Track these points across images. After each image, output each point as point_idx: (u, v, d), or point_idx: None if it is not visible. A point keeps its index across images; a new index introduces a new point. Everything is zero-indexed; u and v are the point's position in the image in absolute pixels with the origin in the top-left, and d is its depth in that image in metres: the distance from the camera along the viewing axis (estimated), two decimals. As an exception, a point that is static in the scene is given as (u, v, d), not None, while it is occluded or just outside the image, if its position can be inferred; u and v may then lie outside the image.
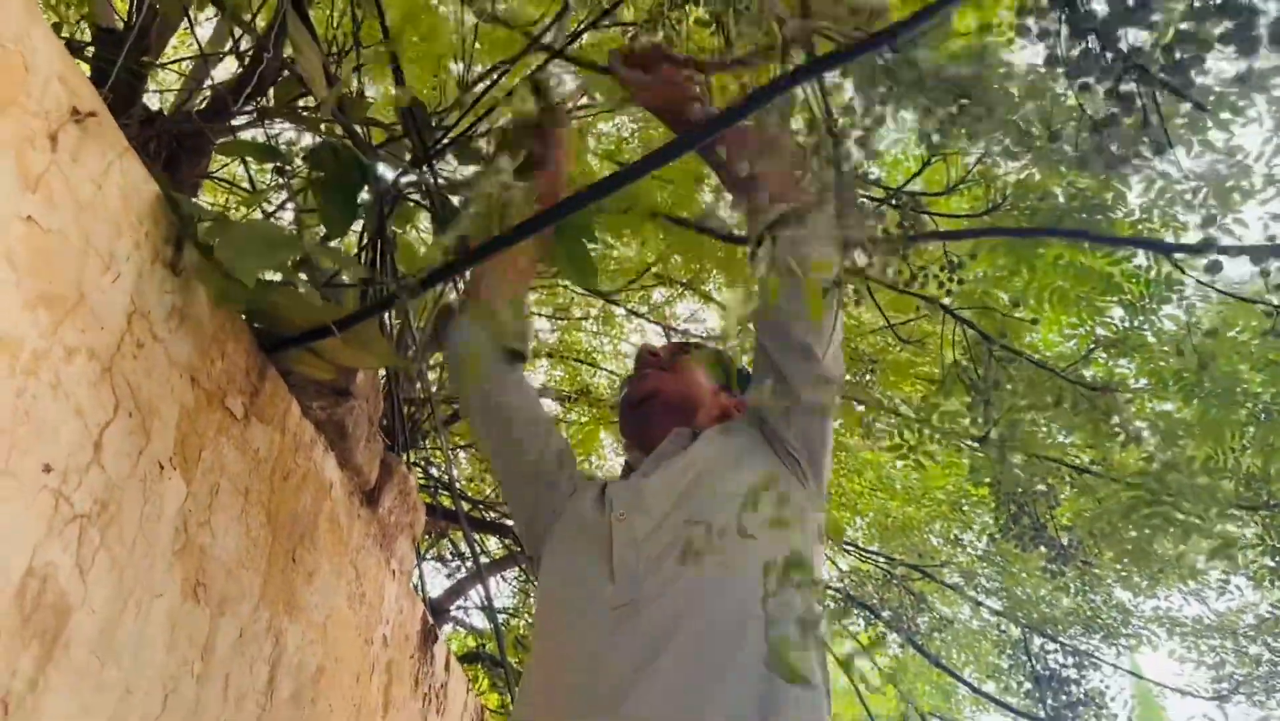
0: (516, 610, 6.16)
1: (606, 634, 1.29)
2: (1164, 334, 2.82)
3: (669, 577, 1.31)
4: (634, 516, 1.41)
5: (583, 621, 1.34)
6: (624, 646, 1.26)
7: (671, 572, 1.31)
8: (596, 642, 1.30)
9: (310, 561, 1.55)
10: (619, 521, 1.41)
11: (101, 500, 1.01)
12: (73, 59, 1.08)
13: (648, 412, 1.72)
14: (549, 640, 1.42)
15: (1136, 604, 5.34)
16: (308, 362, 1.49)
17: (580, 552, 1.45)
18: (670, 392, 1.72)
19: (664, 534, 1.37)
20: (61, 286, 0.98)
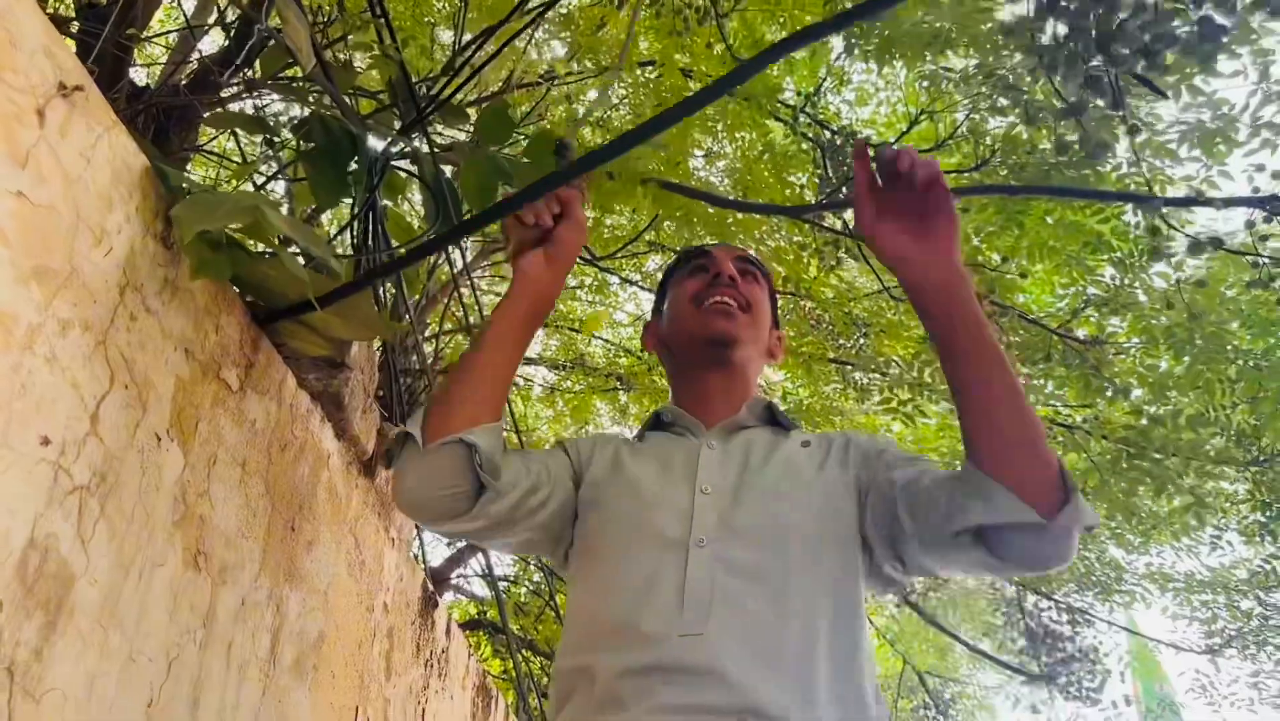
0: (517, 578, 6.21)
1: (671, 651, 1.25)
2: (1154, 291, 2.84)
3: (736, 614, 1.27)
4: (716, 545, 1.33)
5: (645, 638, 1.28)
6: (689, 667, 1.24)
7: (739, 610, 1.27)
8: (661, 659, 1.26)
9: (310, 531, 1.57)
10: (698, 547, 1.33)
11: (100, 471, 1.03)
12: (59, 34, 1.08)
13: (721, 359, 1.59)
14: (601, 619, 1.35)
15: (1130, 561, 5.39)
16: (301, 337, 1.50)
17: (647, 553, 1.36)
18: (748, 343, 1.60)
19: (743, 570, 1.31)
20: (53, 260, 0.99)
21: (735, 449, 1.48)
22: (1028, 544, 1.22)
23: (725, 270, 1.62)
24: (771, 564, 1.32)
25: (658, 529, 1.37)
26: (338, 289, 1.40)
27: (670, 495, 1.42)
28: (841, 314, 4.57)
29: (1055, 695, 5.63)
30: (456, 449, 1.33)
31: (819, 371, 4.63)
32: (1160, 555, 5.27)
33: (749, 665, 1.23)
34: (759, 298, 1.64)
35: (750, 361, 1.62)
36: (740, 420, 1.55)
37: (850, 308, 4.61)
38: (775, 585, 1.30)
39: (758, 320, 1.62)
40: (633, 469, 1.48)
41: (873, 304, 4.65)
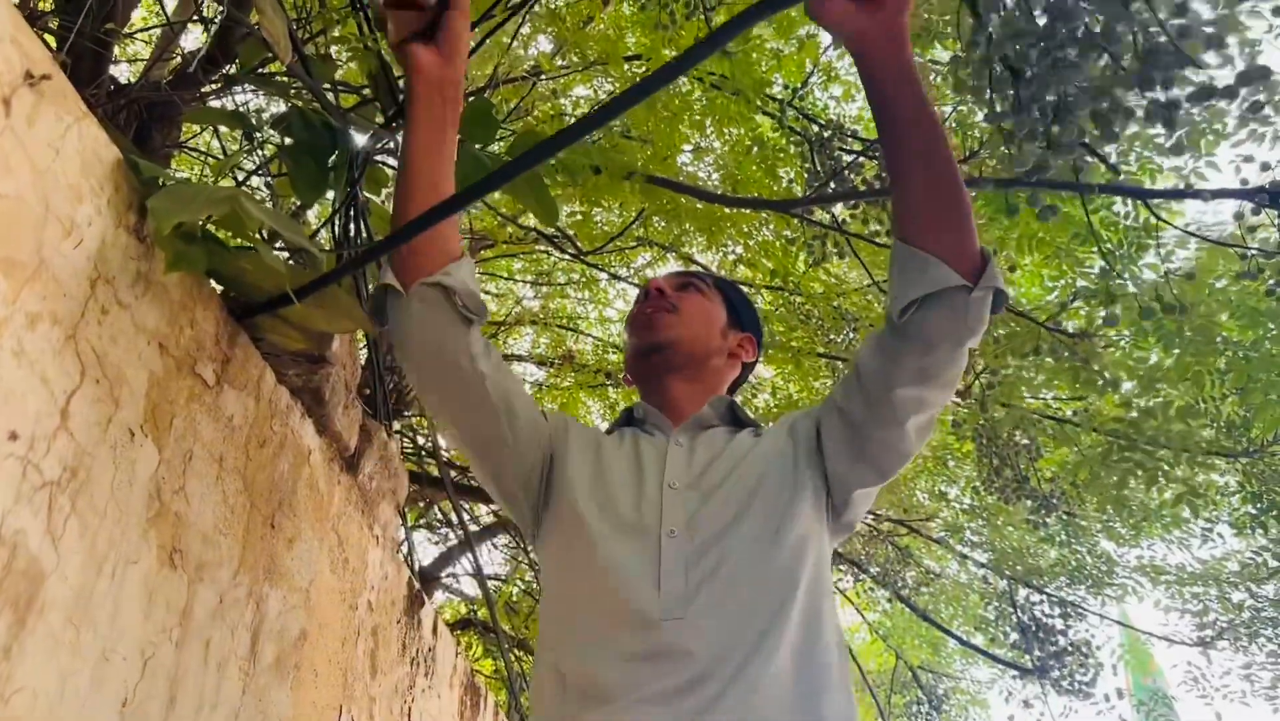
0: (507, 577, 6.19)
1: (652, 640, 1.30)
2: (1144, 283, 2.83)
3: (710, 604, 1.32)
4: (686, 537, 1.38)
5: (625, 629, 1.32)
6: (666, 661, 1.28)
7: (717, 596, 1.33)
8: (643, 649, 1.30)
9: (290, 528, 1.55)
10: (670, 538, 1.38)
11: (71, 467, 1.01)
12: (25, 21, 1.06)
13: (659, 365, 1.66)
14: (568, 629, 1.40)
15: (1121, 554, 5.39)
16: (280, 331, 1.48)
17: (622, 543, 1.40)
18: (682, 341, 1.66)
19: (711, 558, 1.36)
20: (21, 252, 0.97)
21: (701, 447, 1.54)
22: (948, 314, 1.30)
23: (650, 287, 1.72)
24: (736, 551, 1.37)
25: (630, 521, 1.43)
26: (316, 280, 1.38)
27: (641, 489, 1.47)
28: (830, 309, 4.57)
29: (1048, 689, 5.64)
30: (437, 293, 1.39)
31: (808, 366, 4.63)
32: (1151, 548, 5.27)
33: (720, 641, 1.28)
34: (693, 302, 1.71)
35: (700, 363, 1.68)
36: (704, 418, 1.61)
37: (839, 302, 4.60)
38: (740, 568, 1.36)
39: (691, 322, 1.68)
40: (607, 460, 1.54)
41: (862, 299, 4.65)
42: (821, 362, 4.77)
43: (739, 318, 1.78)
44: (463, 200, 1.37)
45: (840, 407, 1.46)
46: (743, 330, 1.77)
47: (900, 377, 1.36)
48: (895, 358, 1.35)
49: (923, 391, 1.38)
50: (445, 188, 1.43)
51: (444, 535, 5.81)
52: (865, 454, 1.44)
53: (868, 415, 1.41)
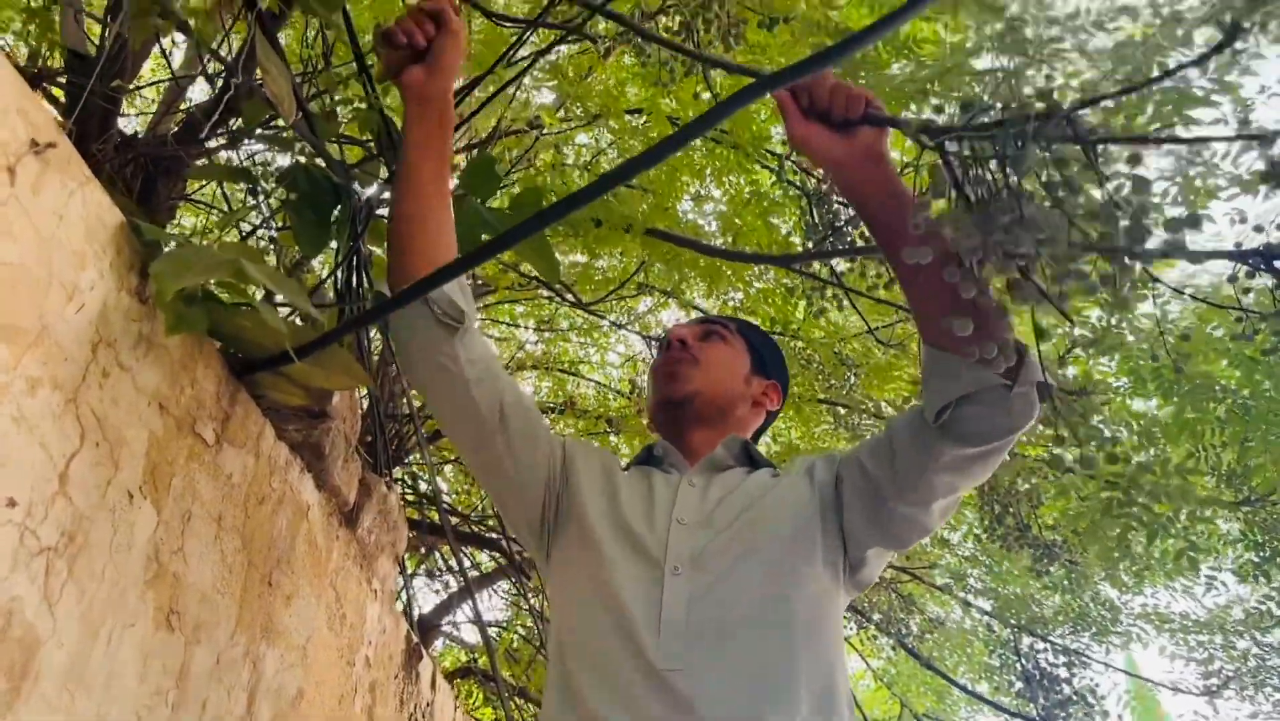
0: (508, 623, 6.15)
1: (645, 690, 1.28)
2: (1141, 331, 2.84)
3: (714, 651, 1.30)
4: (691, 574, 1.37)
5: (619, 674, 1.31)
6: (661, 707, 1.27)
7: (719, 646, 1.31)
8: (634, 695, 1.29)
9: (288, 585, 1.55)
10: (674, 575, 1.37)
11: (69, 532, 1.01)
12: (31, 91, 1.08)
13: (683, 417, 1.65)
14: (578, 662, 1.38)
15: (1125, 601, 5.36)
16: (280, 388, 1.49)
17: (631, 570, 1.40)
18: (703, 394, 1.65)
19: (716, 597, 1.35)
20: (23, 319, 0.98)
21: (715, 487, 1.52)
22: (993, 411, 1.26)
23: (672, 337, 1.71)
24: (743, 594, 1.36)
25: (634, 553, 1.42)
26: (317, 339, 1.39)
27: (649, 524, 1.46)
28: (830, 354, 4.58)
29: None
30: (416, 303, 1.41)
31: (809, 412, 4.63)
32: (1155, 595, 5.24)
33: (726, 698, 1.26)
34: (716, 352, 1.71)
35: (723, 412, 1.67)
36: (719, 459, 1.59)
37: (839, 348, 4.61)
38: (748, 613, 1.34)
39: (712, 373, 1.68)
40: (620, 488, 1.53)
41: (861, 344, 4.66)
42: (822, 408, 4.77)
43: (763, 364, 1.76)
44: (470, 261, 1.39)
45: (866, 470, 1.43)
46: (767, 376, 1.76)
47: (937, 467, 1.33)
48: (934, 450, 1.32)
49: (957, 479, 1.36)
50: (436, 201, 1.48)
51: (444, 582, 5.78)
52: (884, 523, 1.42)
53: (894, 490, 1.39)
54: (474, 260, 1.40)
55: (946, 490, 1.37)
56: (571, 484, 1.54)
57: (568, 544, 1.50)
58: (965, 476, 1.36)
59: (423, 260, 1.42)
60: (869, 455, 1.44)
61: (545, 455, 1.54)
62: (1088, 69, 1.33)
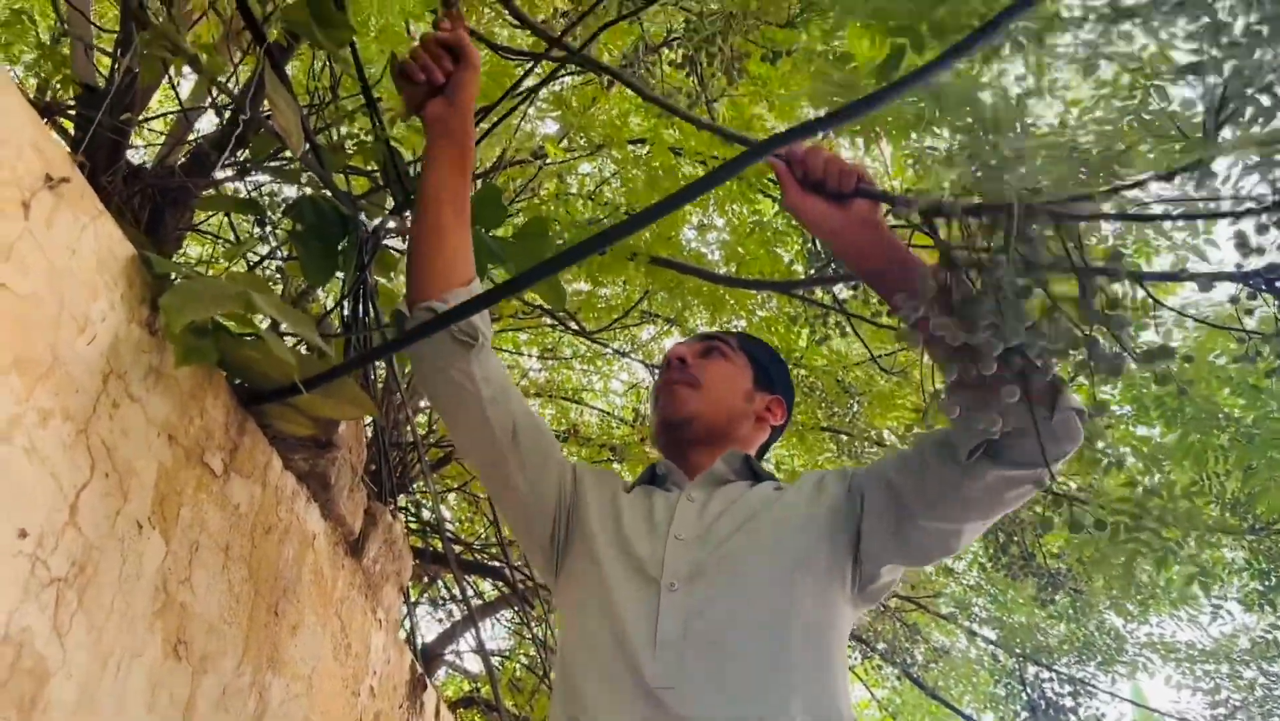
0: (511, 652, 6.12)
1: (641, 709, 1.28)
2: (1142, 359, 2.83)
3: (710, 669, 1.30)
4: (687, 590, 1.36)
5: (617, 692, 1.32)
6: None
7: (715, 663, 1.30)
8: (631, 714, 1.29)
9: (294, 615, 1.55)
10: (670, 591, 1.36)
11: (79, 562, 1.02)
12: (45, 126, 1.09)
13: (683, 438, 1.64)
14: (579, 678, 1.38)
15: (1130, 630, 5.33)
16: (287, 418, 1.50)
17: (629, 588, 1.40)
18: (702, 415, 1.63)
19: (715, 613, 1.34)
20: (35, 351, 0.99)
21: (715, 501, 1.51)
22: (1034, 442, 1.20)
23: (672, 356, 1.70)
24: (741, 608, 1.35)
25: (633, 572, 1.42)
26: (327, 371, 1.40)
27: (649, 541, 1.46)
28: (833, 382, 4.58)
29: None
30: (428, 315, 1.43)
31: (812, 441, 4.63)
32: (1161, 624, 5.22)
33: (720, 718, 1.26)
34: (716, 370, 1.68)
35: (723, 432, 1.65)
36: (719, 473, 1.58)
37: (842, 376, 4.62)
38: (745, 629, 1.33)
39: (713, 392, 1.66)
40: (623, 509, 1.53)
41: (864, 372, 4.66)
42: (825, 436, 4.77)
43: (767, 378, 1.73)
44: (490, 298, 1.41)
45: (893, 485, 1.40)
46: (771, 391, 1.73)
47: (976, 487, 1.29)
48: (974, 470, 1.28)
49: (994, 503, 1.33)
50: (455, 227, 1.51)
51: (447, 611, 5.77)
52: (909, 539, 1.39)
53: (924, 507, 1.36)
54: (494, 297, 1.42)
55: (981, 510, 1.34)
56: (580, 505, 1.54)
57: (574, 563, 1.51)
58: (1002, 500, 1.33)
59: (442, 281, 1.46)
60: (897, 470, 1.41)
61: (556, 475, 1.55)
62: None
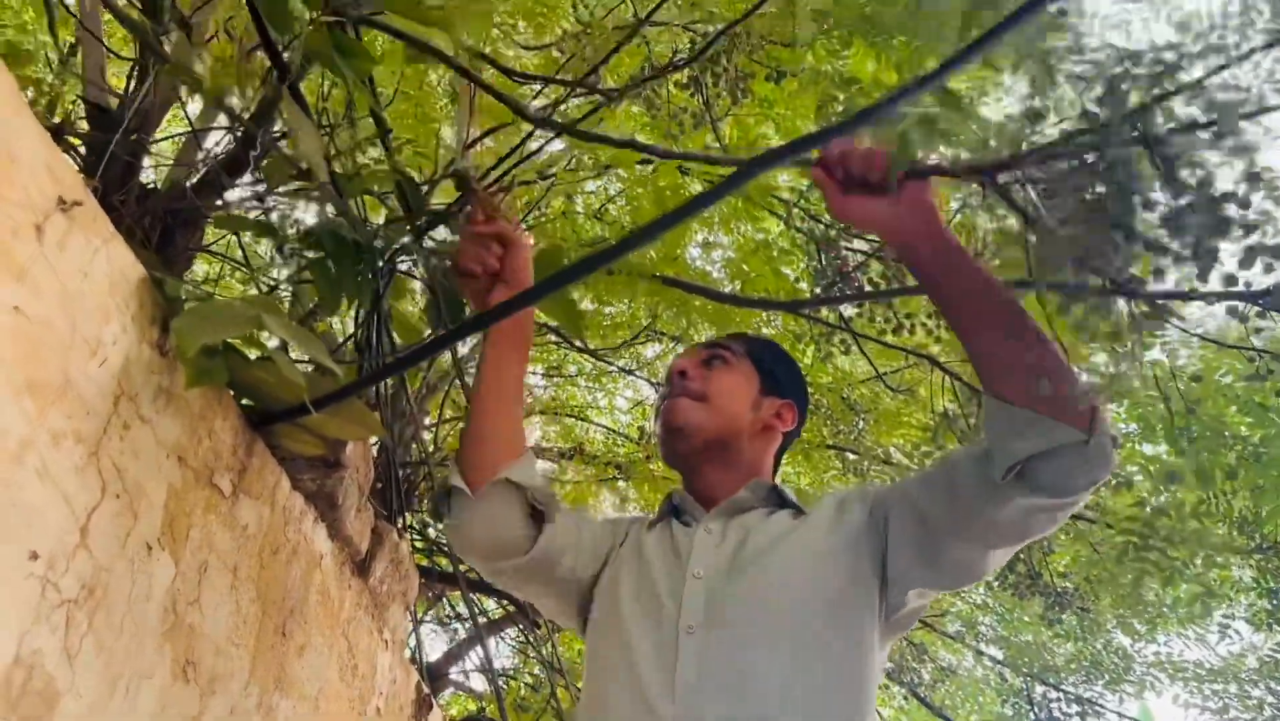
0: (516, 671, 6.11)
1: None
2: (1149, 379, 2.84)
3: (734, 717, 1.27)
4: (705, 632, 1.33)
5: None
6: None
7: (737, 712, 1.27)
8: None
9: (301, 635, 1.55)
10: (688, 634, 1.33)
11: (89, 584, 1.02)
12: (58, 148, 1.10)
13: (684, 451, 1.60)
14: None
15: (1138, 648, 5.31)
16: (296, 438, 1.51)
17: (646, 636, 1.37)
18: (702, 428, 1.58)
19: (735, 659, 1.30)
20: (48, 373, 0.99)
21: (733, 531, 1.47)
22: (1073, 465, 1.19)
23: (673, 370, 1.66)
24: (762, 651, 1.30)
25: (653, 614, 1.39)
26: (336, 392, 1.41)
27: (667, 581, 1.42)
28: (839, 400, 4.58)
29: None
30: (508, 488, 1.45)
31: (818, 459, 4.63)
32: (1169, 643, 5.19)
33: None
34: (720, 381, 1.63)
35: (728, 444, 1.59)
36: (741, 502, 1.53)
37: (847, 393, 4.62)
38: (769, 672, 1.28)
39: (718, 403, 1.60)
40: (648, 555, 1.50)
41: (869, 389, 4.66)
42: (831, 454, 4.77)
43: (775, 382, 1.66)
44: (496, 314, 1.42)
45: (919, 506, 1.36)
46: (780, 395, 1.65)
47: (1007, 513, 1.26)
48: (1005, 496, 1.24)
49: (1026, 528, 1.29)
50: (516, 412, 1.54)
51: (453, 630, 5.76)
52: (936, 563, 1.35)
53: (951, 529, 1.32)
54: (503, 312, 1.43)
55: (1010, 536, 1.31)
56: (608, 567, 1.54)
57: (598, 612, 1.49)
58: (1032, 526, 1.29)
59: (502, 456, 1.48)
60: (924, 492, 1.37)
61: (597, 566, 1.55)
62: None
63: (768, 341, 1.81)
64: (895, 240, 1.31)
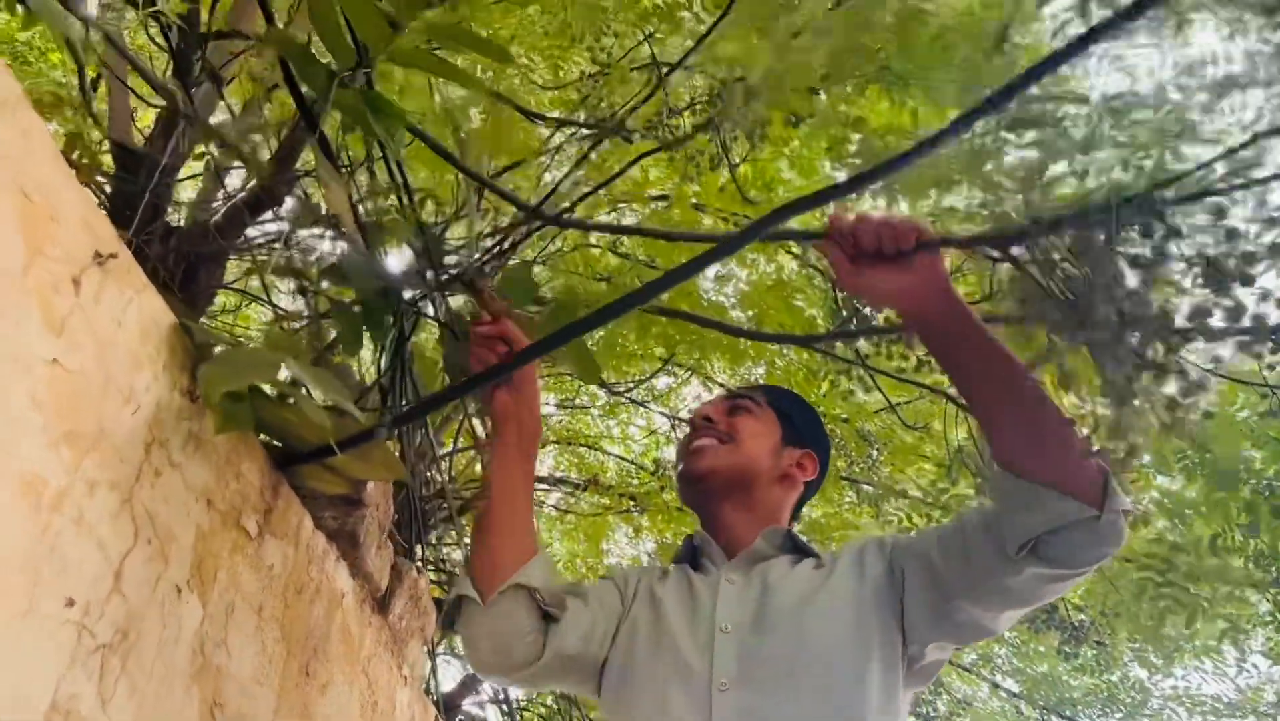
0: (529, 702, 6.10)
1: None
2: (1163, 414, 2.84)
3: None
4: (739, 690, 1.34)
5: None
6: None
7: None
8: None
9: (324, 673, 1.57)
10: (721, 691, 1.34)
11: (122, 629, 1.05)
12: (95, 202, 1.14)
13: (705, 492, 1.64)
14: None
15: (1155, 681, 5.28)
16: (320, 478, 1.53)
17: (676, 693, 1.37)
18: (722, 470, 1.62)
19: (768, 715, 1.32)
20: (84, 423, 1.02)
21: (754, 581, 1.49)
22: (1084, 540, 1.21)
23: (698, 416, 1.70)
24: (794, 705, 1.32)
25: (681, 669, 1.39)
26: (361, 433, 1.44)
27: (693, 635, 1.43)
28: (853, 432, 4.59)
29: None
30: (517, 594, 1.44)
31: (831, 492, 4.63)
32: (1186, 676, 5.16)
33: None
34: (744, 427, 1.66)
35: (748, 489, 1.62)
36: (759, 552, 1.55)
37: (862, 425, 4.62)
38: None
39: (741, 448, 1.64)
40: (663, 604, 1.51)
41: (883, 421, 4.66)
42: (845, 485, 4.77)
43: (796, 433, 1.70)
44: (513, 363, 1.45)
45: (934, 566, 1.38)
46: (801, 446, 1.69)
47: (1017, 581, 1.28)
48: (1015, 565, 1.26)
49: (1036, 594, 1.31)
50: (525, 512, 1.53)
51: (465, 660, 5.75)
52: (949, 619, 1.37)
53: (964, 591, 1.34)
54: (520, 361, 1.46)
55: (1021, 601, 1.32)
56: (623, 626, 1.54)
57: (616, 672, 1.48)
58: (1044, 593, 1.31)
59: (512, 561, 1.47)
60: (938, 551, 1.39)
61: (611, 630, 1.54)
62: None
63: (790, 393, 1.86)
64: (907, 311, 1.31)
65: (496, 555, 1.47)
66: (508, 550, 1.47)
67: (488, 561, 1.47)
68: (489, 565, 1.46)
